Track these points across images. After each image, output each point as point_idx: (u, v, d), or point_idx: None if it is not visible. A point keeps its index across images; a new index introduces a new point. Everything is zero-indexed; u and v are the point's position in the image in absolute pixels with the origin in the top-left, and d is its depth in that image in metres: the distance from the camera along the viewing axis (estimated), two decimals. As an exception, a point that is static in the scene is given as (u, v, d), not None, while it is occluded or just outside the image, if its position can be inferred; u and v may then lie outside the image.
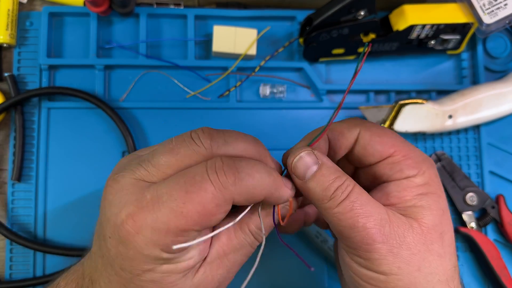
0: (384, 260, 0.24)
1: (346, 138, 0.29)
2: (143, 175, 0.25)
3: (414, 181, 0.27)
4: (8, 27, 0.41)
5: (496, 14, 0.40)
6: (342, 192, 0.25)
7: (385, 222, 0.25)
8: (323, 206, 0.25)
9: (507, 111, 0.42)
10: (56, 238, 0.40)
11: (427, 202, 0.26)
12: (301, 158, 0.26)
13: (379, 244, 0.24)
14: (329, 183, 0.25)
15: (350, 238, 0.25)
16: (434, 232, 0.25)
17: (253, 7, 0.44)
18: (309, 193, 0.26)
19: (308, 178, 0.26)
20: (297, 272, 0.41)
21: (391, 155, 0.28)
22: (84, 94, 0.40)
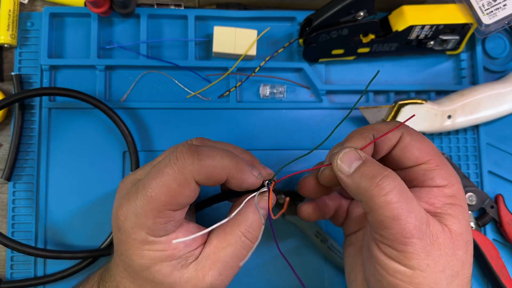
0: (417, 255, 0.25)
1: (389, 139, 0.30)
2: (141, 173, 0.30)
3: (444, 191, 0.28)
4: (9, 27, 0.41)
5: (495, 15, 0.40)
6: (389, 182, 0.26)
7: (424, 220, 0.26)
8: (369, 195, 0.26)
9: (506, 111, 0.43)
10: (57, 238, 0.40)
11: (455, 212, 0.28)
12: (346, 153, 0.28)
13: (416, 239, 0.25)
14: (375, 172, 0.26)
15: (390, 228, 0.26)
16: (461, 239, 0.27)
17: (253, 8, 0.45)
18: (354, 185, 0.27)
19: (352, 171, 0.27)
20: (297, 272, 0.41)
21: (426, 162, 0.29)
22: (84, 96, 0.40)
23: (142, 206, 0.26)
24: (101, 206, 0.40)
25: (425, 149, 0.29)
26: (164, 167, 0.27)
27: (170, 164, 0.27)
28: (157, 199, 0.26)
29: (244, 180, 0.29)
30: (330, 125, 0.43)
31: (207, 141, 0.32)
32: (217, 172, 0.28)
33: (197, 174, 0.27)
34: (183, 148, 0.27)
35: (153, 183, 0.26)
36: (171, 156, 0.27)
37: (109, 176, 0.41)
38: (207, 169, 0.27)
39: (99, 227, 0.40)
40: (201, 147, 0.28)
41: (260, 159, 0.42)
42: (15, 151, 0.40)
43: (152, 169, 0.27)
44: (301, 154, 0.42)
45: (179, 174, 0.26)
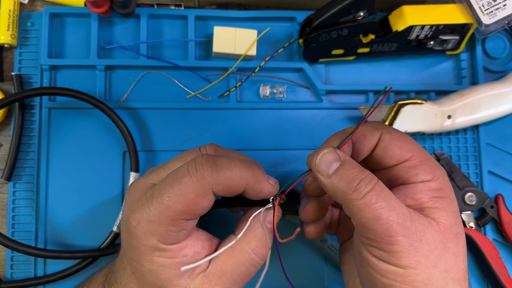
0: (405, 253, 0.25)
1: (368, 141, 0.30)
2: (153, 178, 0.30)
3: (429, 185, 0.28)
4: (9, 27, 0.41)
5: (495, 15, 0.40)
6: (366, 184, 0.26)
7: (407, 217, 0.26)
8: (347, 198, 0.26)
9: (506, 111, 0.43)
10: (57, 237, 0.40)
11: (442, 205, 0.27)
12: (324, 155, 0.28)
13: (401, 237, 0.25)
14: (353, 175, 0.26)
15: (373, 229, 0.25)
16: (450, 232, 0.27)
17: (253, 8, 0.45)
18: (333, 188, 0.27)
19: (331, 173, 0.27)
20: (297, 272, 0.41)
21: (408, 159, 0.29)
22: (84, 95, 0.40)
23: (156, 213, 0.26)
24: (101, 206, 0.40)
25: (406, 146, 0.29)
26: (182, 176, 0.27)
27: (189, 174, 0.26)
28: (173, 208, 0.26)
29: (261, 190, 0.29)
30: (330, 125, 0.43)
31: (220, 149, 0.32)
32: (235, 183, 0.28)
33: (216, 185, 0.27)
34: (202, 159, 0.27)
35: (170, 191, 0.26)
36: (189, 166, 0.27)
37: (109, 176, 0.41)
38: (225, 180, 0.27)
39: (99, 227, 0.40)
40: (219, 158, 0.28)
41: (260, 159, 0.42)
42: (15, 151, 0.40)
43: (169, 176, 0.27)
44: (301, 154, 0.43)
45: (198, 185, 0.26)
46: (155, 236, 0.27)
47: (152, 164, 0.41)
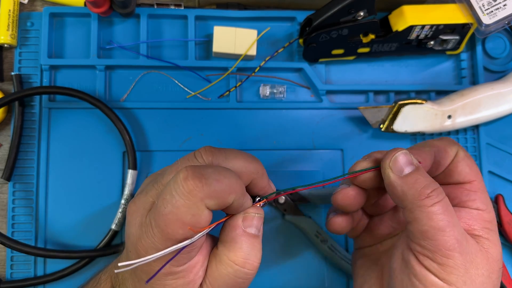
0: (456, 270, 0.26)
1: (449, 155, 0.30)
2: (153, 195, 0.27)
3: (483, 215, 0.28)
4: (9, 27, 0.41)
5: (496, 15, 0.40)
6: (438, 195, 0.26)
7: (465, 236, 0.26)
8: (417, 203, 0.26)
9: (506, 111, 0.43)
10: (57, 237, 0.40)
11: (492, 237, 0.28)
12: (404, 154, 0.28)
13: (457, 253, 0.26)
14: (427, 182, 0.27)
15: (434, 239, 0.26)
16: (495, 264, 0.27)
17: (253, 8, 0.45)
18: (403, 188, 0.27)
19: (406, 174, 0.27)
20: (297, 272, 0.41)
21: (471, 182, 0.29)
22: (82, 94, 0.40)
23: (161, 243, 0.25)
24: (101, 207, 0.40)
25: (474, 168, 0.30)
26: (171, 199, 0.24)
27: (177, 194, 0.24)
28: (175, 234, 0.24)
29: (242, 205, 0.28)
30: (330, 125, 0.43)
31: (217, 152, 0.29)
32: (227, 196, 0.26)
33: (208, 200, 0.25)
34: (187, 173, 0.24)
35: (166, 219, 0.24)
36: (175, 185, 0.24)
37: (109, 176, 0.41)
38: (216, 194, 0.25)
39: (99, 227, 0.40)
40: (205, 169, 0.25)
41: (260, 159, 0.42)
42: (15, 151, 0.40)
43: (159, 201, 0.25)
44: (301, 154, 0.43)
45: (190, 204, 0.24)
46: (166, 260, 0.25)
47: (152, 164, 0.41)
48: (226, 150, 0.29)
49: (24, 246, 0.37)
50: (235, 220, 0.28)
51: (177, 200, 0.24)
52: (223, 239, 0.28)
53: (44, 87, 0.40)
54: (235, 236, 0.27)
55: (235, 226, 0.27)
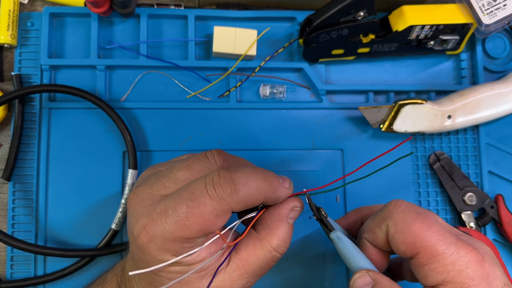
0: None
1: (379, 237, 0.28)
2: (159, 189, 0.28)
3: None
4: (9, 27, 0.41)
5: (495, 15, 0.40)
6: None
7: None
8: None
9: (506, 111, 0.43)
10: (57, 237, 0.40)
11: None
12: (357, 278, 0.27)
13: None
14: None
15: None
16: None
17: (253, 8, 0.45)
18: None
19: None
20: (297, 271, 0.41)
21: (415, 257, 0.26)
22: (84, 93, 0.40)
23: (172, 232, 0.25)
24: (101, 206, 0.40)
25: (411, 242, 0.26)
26: (200, 196, 0.25)
27: (208, 195, 0.25)
28: (191, 228, 0.25)
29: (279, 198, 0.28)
30: (330, 125, 0.43)
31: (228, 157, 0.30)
32: (253, 199, 0.27)
33: (235, 205, 0.26)
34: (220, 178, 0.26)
35: (188, 212, 0.25)
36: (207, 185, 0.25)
37: (109, 176, 0.41)
38: (244, 198, 0.26)
39: (99, 227, 0.40)
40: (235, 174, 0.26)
41: (260, 159, 0.42)
42: (15, 151, 0.40)
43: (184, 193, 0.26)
44: (301, 154, 0.43)
45: (218, 206, 0.25)
46: (169, 252, 0.26)
47: (152, 164, 0.41)
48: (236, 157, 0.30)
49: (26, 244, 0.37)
50: (282, 210, 0.29)
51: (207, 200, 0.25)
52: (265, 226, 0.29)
53: (48, 85, 0.40)
54: (280, 226, 0.28)
55: (282, 216, 0.29)
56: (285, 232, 0.29)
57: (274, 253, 0.28)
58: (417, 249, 0.26)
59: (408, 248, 0.26)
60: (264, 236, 0.28)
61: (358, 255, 0.29)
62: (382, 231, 0.28)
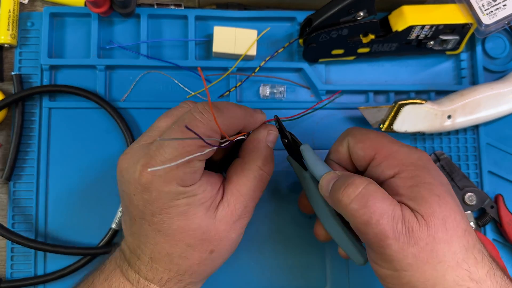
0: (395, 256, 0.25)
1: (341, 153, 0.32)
2: (146, 140, 0.30)
3: (401, 176, 0.28)
4: (9, 27, 0.41)
5: (495, 15, 0.40)
6: (352, 190, 0.27)
7: (398, 219, 0.26)
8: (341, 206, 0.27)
9: (505, 111, 0.43)
10: (58, 236, 0.40)
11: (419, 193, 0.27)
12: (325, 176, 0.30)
13: (391, 240, 0.25)
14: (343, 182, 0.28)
15: (366, 234, 0.26)
16: (435, 219, 0.26)
17: (253, 8, 0.45)
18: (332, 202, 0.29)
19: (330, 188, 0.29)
20: (297, 270, 0.41)
21: (374, 158, 0.30)
22: (86, 93, 0.40)
23: (172, 159, 0.26)
24: (102, 206, 0.40)
25: (368, 146, 0.30)
26: (192, 120, 0.27)
27: (197, 119, 0.27)
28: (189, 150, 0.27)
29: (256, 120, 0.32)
30: (330, 125, 0.43)
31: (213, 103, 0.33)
32: (236, 121, 0.30)
33: (222, 125, 0.28)
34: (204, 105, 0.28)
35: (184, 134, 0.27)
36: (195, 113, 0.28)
37: (109, 175, 0.41)
38: (228, 119, 0.29)
39: (99, 227, 0.40)
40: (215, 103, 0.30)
41: (260, 159, 0.42)
42: (15, 151, 0.40)
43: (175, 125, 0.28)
44: (301, 154, 0.42)
45: (209, 127, 0.27)
46: (174, 180, 0.27)
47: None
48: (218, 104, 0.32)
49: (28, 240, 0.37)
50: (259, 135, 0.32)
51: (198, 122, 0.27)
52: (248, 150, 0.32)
53: (47, 86, 0.40)
54: (260, 148, 0.32)
55: (260, 140, 0.32)
56: (266, 153, 0.32)
57: (261, 172, 0.31)
58: (375, 150, 0.29)
59: (366, 152, 0.30)
60: (249, 159, 0.32)
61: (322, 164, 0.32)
62: (343, 147, 0.32)
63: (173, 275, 0.30)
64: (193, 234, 0.29)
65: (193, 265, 0.30)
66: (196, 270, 0.30)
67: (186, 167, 0.27)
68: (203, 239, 0.29)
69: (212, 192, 0.30)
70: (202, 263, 0.30)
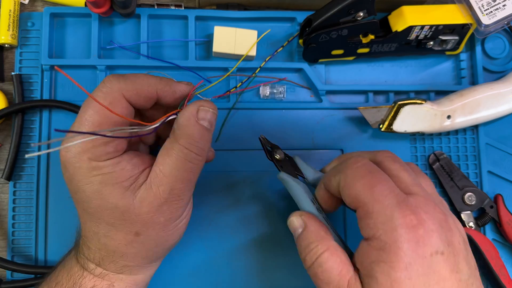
0: None
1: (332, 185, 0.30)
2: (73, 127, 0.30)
3: (371, 244, 0.26)
4: (10, 27, 0.41)
5: (495, 15, 0.40)
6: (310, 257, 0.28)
7: None
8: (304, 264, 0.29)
9: (505, 111, 0.43)
10: (58, 237, 0.40)
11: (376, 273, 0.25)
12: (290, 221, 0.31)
13: None
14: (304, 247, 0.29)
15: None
16: None
17: (253, 8, 0.45)
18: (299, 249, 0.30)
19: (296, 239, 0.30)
20: (296, 268, 0.41)
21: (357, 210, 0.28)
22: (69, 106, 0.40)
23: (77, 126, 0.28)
24: (102, 206, 0.40)
25: (353, 196, 0.27)
26: (94, 93, 0.28)
27: (99, 89, 0.28)
28: (91, 119, 0.27)
29: (175, 90, 0.31)
30: (330, 125, 0.43)
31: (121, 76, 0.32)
32: (145, 88, 0.29)
33: (126, 91, 0.29)
34: (110, 75, 0.29)
35: (85, 107, 0.28)
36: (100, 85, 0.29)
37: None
38: (134, 85, 0.29)
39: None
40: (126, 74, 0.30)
41: (260, 159, 0.42)
42: (15, 151, 0.40)
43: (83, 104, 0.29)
44: (301, 154, 0.42)
45: (109, 93, 0.28)
46: (85, 154, 0.27)
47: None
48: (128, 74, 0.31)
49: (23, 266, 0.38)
50: (188, 111, 0.29)
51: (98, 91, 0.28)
52: (175, 129, 0.30)
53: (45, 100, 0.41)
54: (187, 125, 0.29)
55: (189, 116, 0.29)
56: (194, 131, 0.29)
57: (187, 151, 0.29)
58: (357, 203, 0.27)
59: (351, 201, 0.28)
60: (175, 137, 0.29)
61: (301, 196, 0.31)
62: (335, 181, 0.30)
63: (104, 254, 0.30)
64: (111, 214, 0.28)
65: (120, 245, 0.29)
66: (125, 251, 0.30)
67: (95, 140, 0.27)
68: (124, 219, 0.28)
69: (132, 172, 0.29)
70: (130, 245, 0.29)
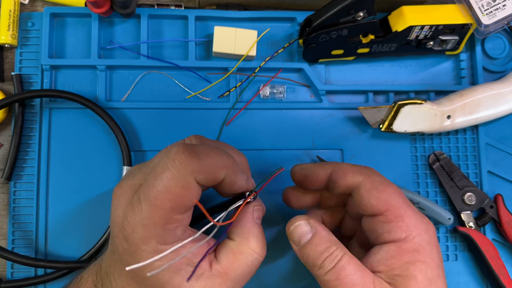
0: None
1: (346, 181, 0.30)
2: (140, 178, 0.28)
3: (402, 247, 0.27)
4: (10, 27, 0.41)
5: (495, 15, 0.40)
6: (330, 262, 0.27)
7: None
8: (314, 272, 0.28)
9: (505, 111, 0.43)
10: (57, 237, 0.40)
11: (413, 272, 0.26)
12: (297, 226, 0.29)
13: None
14: (320, 252, 0.27)
15: None
16: None
17: (253, 8, 0.45)
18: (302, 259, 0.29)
19: (302, 245, 0.28)
20: (299, 272, 0.41)
21: (383, 214, 0.28)
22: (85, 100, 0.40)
23: (148, 216, 0.25)
24: (102, 206, 0.40)
25: (384, 199, 0.28)
26: (162, 172, 0.25)
27: (168, 167, 0.25)
28: (163, 206, 0.25)
29: (236, 182, 0.28)
30: (330, 125, 0.43)
31: (205, 140, 0.31)
32: (216, 170, 0.26)
33: (197, 173, 0.25)
34: (179, 148, 0.25)
35: (155, 191, 0.25)
36: (167, 159, 0.25)
37: (110, 175, 0.41)
38: (206, 167, 0.26)
39: (99, 227, 0.40)
40: (196, 146, 0.26)
41: (260, 159, 0.42)
42: (15, 151, 0.40)
43: (150, 175, 0.26)
44: (301, 154, 0.43)
45: (180, 176, 0.25)
46: (153, 239, 0.25)
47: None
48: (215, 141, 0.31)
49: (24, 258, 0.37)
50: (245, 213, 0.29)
51: (168, 172, 0.25)
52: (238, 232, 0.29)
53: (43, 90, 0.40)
54: (251, 228, 0.29)
55: (249, 219, 0.29)
56: (257, 232, 0.29)
57: (256, 256, 0.28)
58: (387, 206, 0.28)
59: (379, 204, 0.28)
60: (241, 241, 0.29)
61: None
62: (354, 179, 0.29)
63: None
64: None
65: None
66: None
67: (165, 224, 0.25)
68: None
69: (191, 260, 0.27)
70: None
